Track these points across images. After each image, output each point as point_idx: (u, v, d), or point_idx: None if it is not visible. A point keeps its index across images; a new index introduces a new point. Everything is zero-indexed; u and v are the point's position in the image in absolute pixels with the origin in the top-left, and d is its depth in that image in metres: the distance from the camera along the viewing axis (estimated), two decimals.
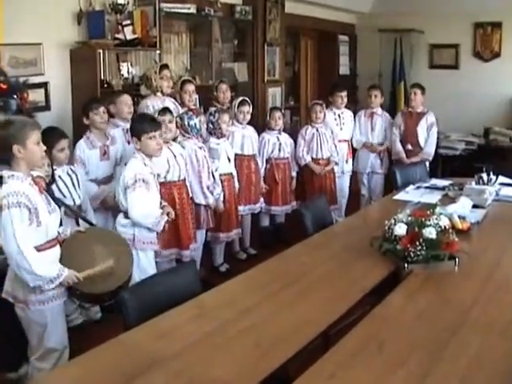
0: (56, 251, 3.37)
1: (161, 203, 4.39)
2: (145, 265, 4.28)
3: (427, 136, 6.89)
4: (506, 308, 2.99)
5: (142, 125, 4.30)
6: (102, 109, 4.92)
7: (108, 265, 3.47)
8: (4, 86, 4.46)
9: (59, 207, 3.59)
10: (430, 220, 3.54)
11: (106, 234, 3.97)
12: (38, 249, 3.22)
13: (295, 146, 6.60)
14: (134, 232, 4.25)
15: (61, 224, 3.52)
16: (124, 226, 4.28)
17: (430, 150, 6.91)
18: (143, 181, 4.17)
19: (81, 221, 4.19)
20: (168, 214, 4.35)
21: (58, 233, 3.45)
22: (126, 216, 4.26)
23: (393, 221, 3.60)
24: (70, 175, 4.43)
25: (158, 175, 4.58)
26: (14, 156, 3.18)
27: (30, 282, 3.23)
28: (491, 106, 9.22)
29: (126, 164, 4.40)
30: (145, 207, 4.19)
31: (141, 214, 4.19)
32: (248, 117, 6.10)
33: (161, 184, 4.64)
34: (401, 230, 3.51)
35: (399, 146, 6.94)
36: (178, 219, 4.76)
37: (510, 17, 9.02)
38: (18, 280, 3.32)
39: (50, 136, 4.21)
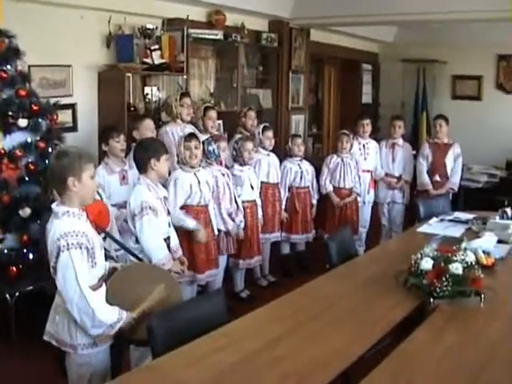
0: (103, 290, 3.07)
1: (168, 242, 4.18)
2: None
3: (453, 166, 6.76)
4: None
5: (156, 147, 4.11)
6: (122, 136, 4.99)
7: (159, 290, 3.23)
8: (35, 108, 4.54)
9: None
10: (456, 256, 3.53)
11: (144, 267, 3.77)
12: (92, 289, 2.96)
13: (316, 174, 6.59)
14: (143, 256, 4.03)
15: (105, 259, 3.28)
16: (134, 249, 4.07)
17: (455, 180, 6.77)
18: (150, 208, 3.96)
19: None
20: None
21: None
22: (137, 241, 4.10)
23: (419, 255, 3.59)
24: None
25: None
26: (67, 189, 2.96)
27: (90, 328, 2.96)
28: None
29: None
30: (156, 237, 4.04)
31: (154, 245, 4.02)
32: (273, 142, 6.13)
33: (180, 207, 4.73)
34: (427, 264, 3.49)
35: (426, 178, 6.79)
36: (193, 243, 4.78)
37: None
38: (63, 322, 3.08)
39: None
